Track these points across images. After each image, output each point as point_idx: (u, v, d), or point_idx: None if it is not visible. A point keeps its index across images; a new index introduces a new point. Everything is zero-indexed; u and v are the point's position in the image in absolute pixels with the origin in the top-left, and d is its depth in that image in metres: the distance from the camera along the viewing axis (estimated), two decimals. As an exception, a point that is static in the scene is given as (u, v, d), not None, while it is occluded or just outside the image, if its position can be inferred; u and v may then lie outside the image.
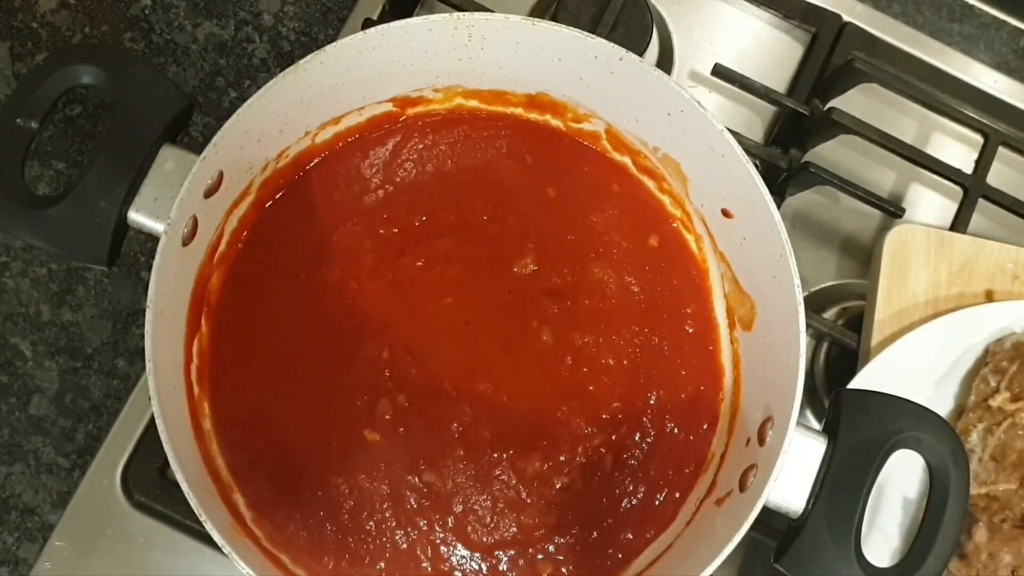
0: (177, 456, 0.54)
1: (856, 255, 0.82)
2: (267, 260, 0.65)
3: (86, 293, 0.75)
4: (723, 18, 0.85)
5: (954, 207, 0.80)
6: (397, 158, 0.69)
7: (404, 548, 0.63)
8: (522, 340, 0.66)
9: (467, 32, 0.62)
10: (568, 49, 0.62)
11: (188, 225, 0.58)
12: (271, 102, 0.60)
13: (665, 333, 0.68)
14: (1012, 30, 0.89)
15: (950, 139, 0.86)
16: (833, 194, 0.81)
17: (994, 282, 0.76)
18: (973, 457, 0.70)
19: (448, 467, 0.64)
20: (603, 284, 0.68)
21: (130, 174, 0.58)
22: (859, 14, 0.85)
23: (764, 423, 0.61)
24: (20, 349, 0.73)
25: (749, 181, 0.60)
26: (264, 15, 0.83)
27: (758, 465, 0.59)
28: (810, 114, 0.80)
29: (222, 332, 0.64)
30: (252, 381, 0.64)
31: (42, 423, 0.73)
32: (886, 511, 0.70)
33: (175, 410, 0.58)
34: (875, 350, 0.72)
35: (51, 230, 0.57)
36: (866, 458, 0.57)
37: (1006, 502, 0.69)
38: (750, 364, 0.66)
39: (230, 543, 0.53)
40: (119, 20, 0.81)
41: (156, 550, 0.70)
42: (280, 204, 0.67)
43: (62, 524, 0.69)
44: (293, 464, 0.63)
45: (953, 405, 0.74)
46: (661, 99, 0.63)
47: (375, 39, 0.61)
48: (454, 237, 0.67)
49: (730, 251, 0.67)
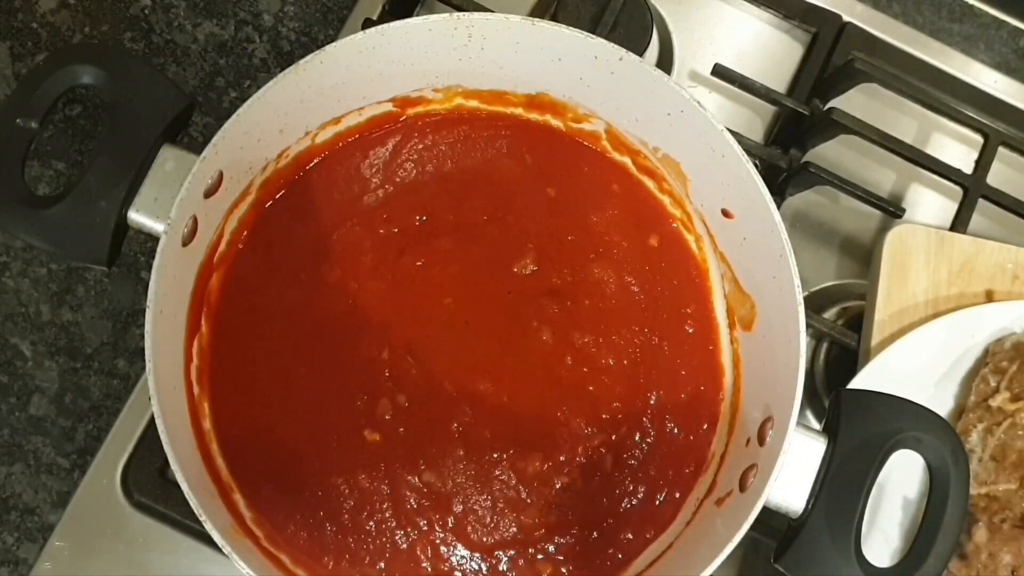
0: (177, 456, 0.54)
1: (856, 255, 0.82)
2: (267, 260, 0.65)
3: (86, 293, 0.75)
4: (723, 18, 0.85)
5: (954, 207, 0.80)
6: (397, 158, 0.69)
7: (404, 548, 0.63)
8: (522, 340, 0.66)
9: (467, 32, 0.62)
10: (568, 49, 0.62)
11: (188, 225, 0.58)
12: (271, 102, 0.60)
13: (665, 333, 0.68)
14: (1012, 30, 0.89)
15: (950, 139, 0.86)
16: (833, 194, 0.81)
17: (994, 282, 0.76)
18: (973, 457, 0.70)
19: (448, 467, 0.64)
20: (603, 284, 0.68)
21: (130, 174, 0.58)
22: (859, 14, 0.85)
23: (764, 423, 0.61)
24: (20, 349, 0.73)
25: (749, 181, 0.60)
26: (264, 15, 0.83)
27: (758, 465, 0.59)
28: (810, 114, 0.80)
29: (222, 332, 0.64)
30: (252, 381, 0.64)
31: (42, 423, 0.73)
32: (886, 511, 0.70)
33: (175, 410, 0.58)
34: (875, 350, 0.72)
35: (51, 230, 0.57)
36: (866, 458, 0.57)
37: (1006, 502, 0.69)
38: (750, 364, 0.66)
39: (230, 543, 0.53)
40: (119, 20, 0.81)
41: (156, 550, 0.70)
42: (280, 204, 0.66)
43: (62, 524, 0.69)
44: (293, 464, 0.63)
45: (953, 405, 0.74)
46: (661, 99, 0.63)
47: (375, 39, 0.61)
48: (454, 237, 0.67)
49: (730, 251, 0.67)
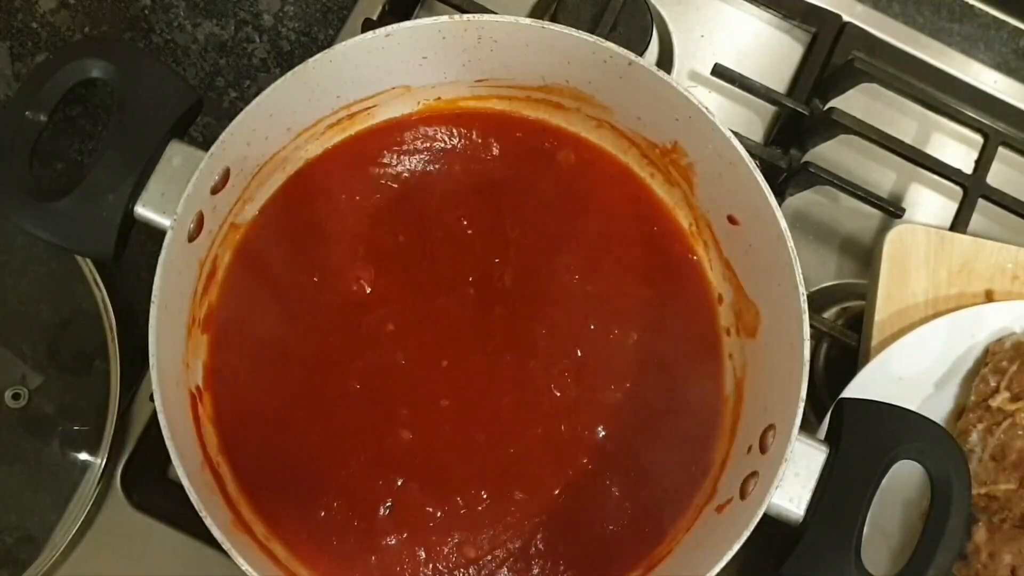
0: (178, 450, 0.54)
1: (856, 255, 0.82)
2: (270, 257, 0.65)
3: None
4: (723, 18, 0.85)
5: (954, 207, 0.80)
6: (402, 157, 0.69)
7: (403, 548, 0.62)
8: (520, 346, 0.66)
9: (476, 34, 0.62)
10: (578, 52, 0.62)
11: (194, 221, 0.59)
12: (279, 100, 0.60)
13: (668, 339, 0.68)
14: (1012, 30, 0.89)
15: (950, 139, 0.86)
16: (833, 194, 0.81)
17: (994, 282, 0.76)
18: (973, 457, 0.70)
19: (449, 467, 0.64)
20: (604, 288, 0.68)
21: (138, 169, 0.58)
22: (859, 14, 0.85)
23: (766, 431, 0.60)
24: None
25: (756, 189, 0.60)
26: (264, 15, 0.83)
27: (759, 473, 0.59)
28: (810, 114, 0.80)
29: (224, 328, 0.64)
30: (253, 377, 0.64)
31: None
32: (887, 511, 0.70)
33: (176, 405, 0.58)
34: (875, 350, 0.72)
35: (58, 223, 0.57)
36: (868, 468, 0.57)
37: (1006, 502, 0.69)
38: (753, 371, 0.66)
39: (230, 540, 0.53)
40: (119, 20, 0.81)
41: (156, 550, 0.70)
42: (285, 202, 0.66)
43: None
44: (294, 461, 0.63)
45: (953, 405, 0.73)
46: (670, 104, 0.63)
47: (385, 40, 0.61)
48: (453, 236, 0.67)
49: (735, 258, 0.67)
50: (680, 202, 0.69)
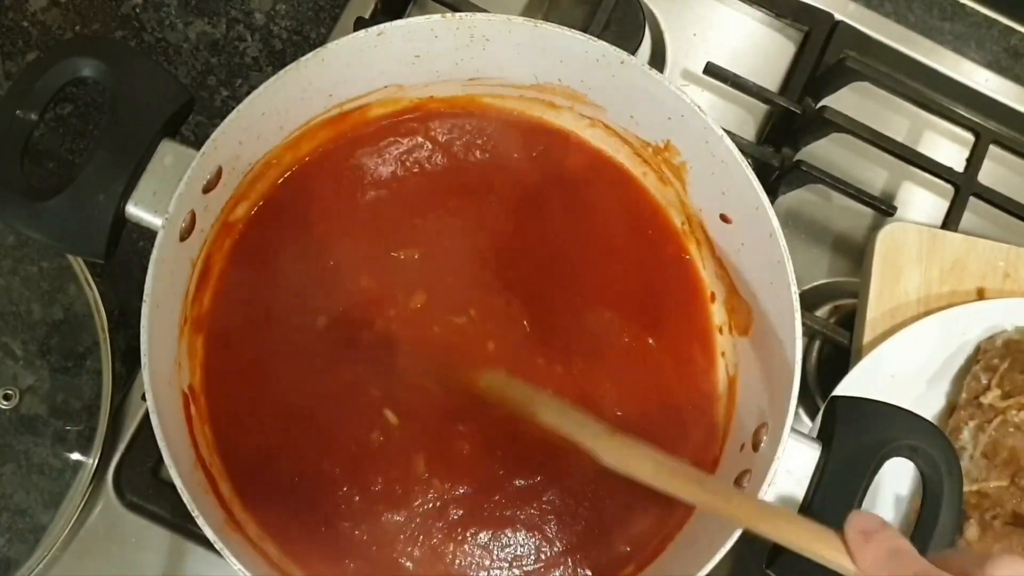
0: (170, 449, 0.54)
1: (848, 253, 0.82)
2: (262, 256, 0.65)
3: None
4: (715, 17, 0.85)
5: (945, 205, 0.80)
6: (395, 156, 0.69)
7: (397, 547, 0.62)
8: (521, 341, 0.66)
9: (469, 33, 0.62)
10: (570, 51, 0.62)
11: (186, 220, 0.58)
12: (271, 99, 0.60)
13: (661, 337, 0.68)
14: (1003, 29, 0.89)
15: (941, 137, 0.86)
16: (825, 192, 0.81)
17: (985, 280, 0.76)
18: (964, 454, 0.70)
19: (447, 467, 0.64)
20: (597, 288, 0.68)
21: (129, 168, 0.57)
22: (851, 13, 0.85)
23: (758, 428, 0.61)
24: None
25: (749, 187, 0.60)
26: (256, 14, 0.82)
27: (752, 471, 0.59)
28: (802, 113, 0.80)
29: (216, 328, 0.64)
30: (245, 376, 0.64)
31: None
32: (879, 507, 0.70)
33: (169, 405, 0.58)
34: (867, 348, 0.73)
35: (49, 222, 0.57)
36: (860, 466, 0.58)
37: (997, 499, 0.70)
38: (746, 369, 0.66)
39: (222, 539, 0.53)
40: (110, 19, 0.81)
41: (148, 550, 0.70)
42: (277, 201, 0.66)
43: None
44: (287, 460, 0.63)
45: (945, 403, 0.74)
46: (662, 103, 0.63)
47: (377, 38, 0.61)
48: (453, 236, 0.67)
49: (728, 256, 0.67)
50: (673, 201, 0.69)
